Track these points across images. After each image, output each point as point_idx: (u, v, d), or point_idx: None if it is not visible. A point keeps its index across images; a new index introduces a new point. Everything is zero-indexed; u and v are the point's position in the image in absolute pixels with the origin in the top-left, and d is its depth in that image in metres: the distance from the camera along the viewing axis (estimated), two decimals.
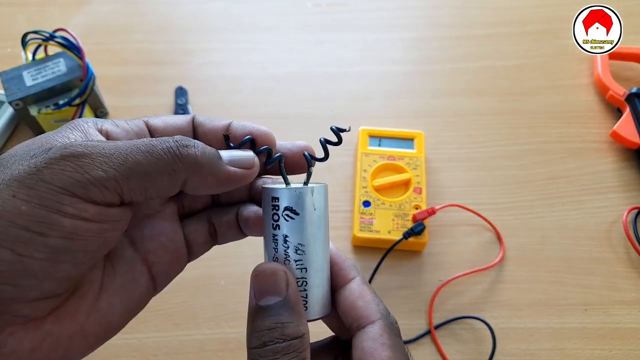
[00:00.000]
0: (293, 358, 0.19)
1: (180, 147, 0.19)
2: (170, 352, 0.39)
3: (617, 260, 0.44)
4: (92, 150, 0.18)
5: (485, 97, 0.54)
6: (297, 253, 0.21)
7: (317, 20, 0.60)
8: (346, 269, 0.23)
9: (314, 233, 0.21)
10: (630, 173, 0.48)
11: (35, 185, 0.17)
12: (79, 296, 0.20)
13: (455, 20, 0.60)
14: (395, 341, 0.21)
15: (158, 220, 0.23)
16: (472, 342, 0.40)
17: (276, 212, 0.21)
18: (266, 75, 0.55)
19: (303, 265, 0.21)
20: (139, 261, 0.22)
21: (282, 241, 0.21)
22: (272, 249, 0.21)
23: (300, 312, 0.20)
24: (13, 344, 0.18)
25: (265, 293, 0.20)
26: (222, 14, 0.60)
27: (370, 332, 0.21)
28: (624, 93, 0.51)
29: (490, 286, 0.42)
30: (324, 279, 0.22)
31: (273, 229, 0.21)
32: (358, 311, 0.22)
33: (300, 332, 0.20)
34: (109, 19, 0.59)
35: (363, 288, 0.22)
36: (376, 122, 0.50)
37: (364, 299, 0.22)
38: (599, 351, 0.40)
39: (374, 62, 0.57)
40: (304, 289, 0.21)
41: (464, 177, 0.48)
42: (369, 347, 0.21)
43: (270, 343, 0.19)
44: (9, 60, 0.52)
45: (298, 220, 0.21)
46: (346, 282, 0.23)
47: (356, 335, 0.21)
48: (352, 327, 0.22)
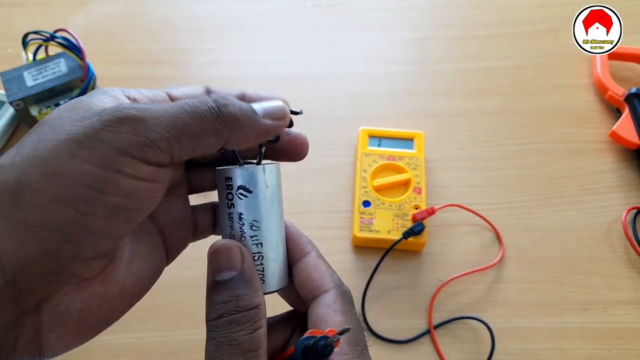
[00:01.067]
0: (248, 327, 0.20)
1: (221, 107, 0.20)
2: (170, 351, 0.39)
3: (616, 260, 0.44)
4: (144, 113, 0.18)
5: (485, 97, 0.54)
6: (252, 229, 0.22)
7: (317, 21, 0.60)
8: (302, 244, 0.24)
9: (268, 210, 0.22)
10: (629, 173, 0.48)
11: (95, 146, 0.17)
12: (118, 259, 0.20)
13: (455, 21, 0.60)
14: (348, 308, 0.22)
15: (172, 197, 0.23)
16: (471, 342, 0.40)
17: (230, 191, 0.22)
18: (266, 76, 0.55)
19: (258, 240, 0.22)
20: (156, 232, 0.23)
21: (237, 219, 0.22)
22: (227, 227, 0.22)
23: (256, 285, 0.21)
24: (67, 302, 0.18)
25: (221, 269, 0.21)
26: (222, 14, 0.60)
27: (324, 299, 0.22)
28: (623, 93, 0.51)
29: (490, 286, 0.43)
30: (280, 253, 0.23)
31: (228, 208, 0.22)
32: (313, 282, 0.23)
33: (255, 303, 0.20)
34: (109, 19, 0.59)
35: (318, 261, 0.23)
36: (376, 122, 0.50)
37: (319, 271, 0.23)
38: (599, 351, 0.40)
39: (374, 62, 0.57)
40: (260, 263, 0.22)
41: (464, 177, 0.48)
42: (322, 313, 0.21)
43: (225, 315, 0.20)
44: (10, 60, 0.52)
45: (251, 198, 0.22)
46: (302, 256, 0.23)
47: (311, 304, 0.22)
48: (307, 298, 0.23)
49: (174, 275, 0.43)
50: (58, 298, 0.18)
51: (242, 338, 0.19)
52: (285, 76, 0.55)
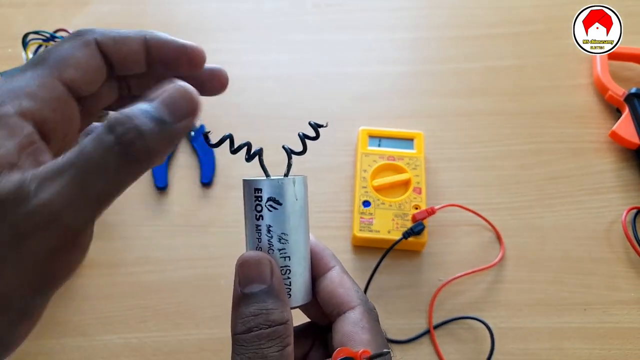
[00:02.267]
0: (278, 344, 0.19)
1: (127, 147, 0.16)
2: (170, 351, 0.39)
3: (616, 260, 0.44)
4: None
5: (484, 97, 0.54)
6: (281, 242, 0.21)
7: (317, 21, 0.60)
8: (326, 257, 0.23)
9: (296, 222, 0.22)
10: (629, 173, 0.48)
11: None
12: None
13: (455, 21, 0.60)
14: (374, 325, 0.22)
15: None
16: (471, 342, 0.40)
17: (259, 202, 0.21)
18: (266, 75, 0.55)
19: (286, 253, 0.22)
20: None
21: (266, 231, 0.21)
22: (255, 239, 0.22)
23: (284, 300, 0.21)
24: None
25: (250, 281, 0.20)
26: (223, 14, 0.61)
27: (351, 317, 0.22)
28: (623, 93, 0.51)
29: (490, 286, 0.43)
30: (306, 268, 0.22)
31: (256, 220, 0.22)
32: (339, 298, 0.22)
33: (284, 319, 0.20)
34: (109, 19, 0.59)
35: (342, 276, 0.23)
36: (376, 122, 0.50)
37: (344, 287, 0.22)
38: (598, 350, 0.40)
39: (374, 62, 0.57)
40: (287, 277, 0.22)
41: (464, 177, 0.48)
42: (349, 331, 0.21)
43: (255, 329, 0.19)
44: (10, 60, 0.52)
45: (281, 210, 0.21)
46: (326, 270, 0.23)
47: (337, 320, 0.22)
48: (332, 313, 0.22)
49: (174, 275, 0.43)
50: None
51: (273, 355, 0.19)
52: (286, 76, 0.55)
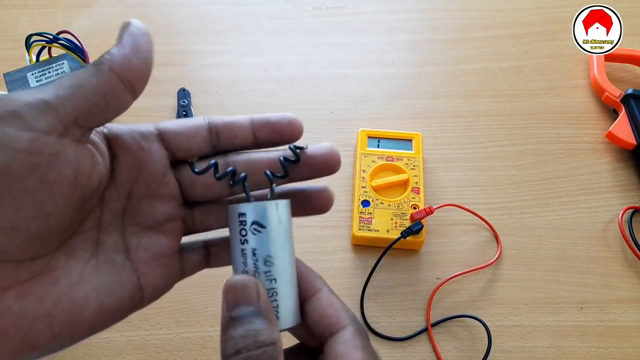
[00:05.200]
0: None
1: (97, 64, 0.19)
2: (172, 349, 0.40)
3: (613, 259, 0.44)
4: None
5: (482, 98, 0.54)
6: (266, 265, 0.21)
7: (316, 23, 0.61)
8: (313, 280, 0.23)
9: (281, 245, 0.22)
10: (625, 173, 0.49)
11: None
12: (49, 280, 0.19)
13: (453, 23, 0.61)
14: (366, 343, 0.22)
15: (158, 233, 0.23)
16: (468, 340, 0.41)
17: (243, 227, 0.22)
18: (267, 77, 0.56)
19: (272, 276, 0.22)
20: (129, 268, 0.22)
21: (251, 254, 0.21)
22: (241, 263, 0.22)
23: (272, 320, 0.21)
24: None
25: (237, 304, 0.20)
26: (224, 17, 0.61)
27: (342, 336, 0.22)
28: (620, 94, 0.51)
29: (487, 284, 0.43)
30: (293, 290, 0.22)
31: (241, 244, 0.22)
32: (329, 319, 0.22)
33: (273, 339, 0.20)
34: (112, 20, 0.60)
35: (331, 297, 0.23)
36: (375, 123, 0.51)
37: (333, 307, 0.22)
38: (595, 349, 0.40)
39: (373, 64, 0.57)
40: (274, 300, 0.22)
41: (462, 178, 0.49)
42: (342, 350, 0.21)
43: (244, 350, 0.19)
44: (13, 61, 0.52)
45: (265, 233, 0.21)
46: (314, 292, 0.23)
47: (328, 341, 0.22)
48: (323, 334, 0.22)
49: None
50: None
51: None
52: (286, 78, 0.56)
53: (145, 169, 0.22)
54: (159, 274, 0.23)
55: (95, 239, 0.22)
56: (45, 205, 0.18)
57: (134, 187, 0.23)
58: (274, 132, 0.23)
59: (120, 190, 0.22)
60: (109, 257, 0.22)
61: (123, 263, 0.22)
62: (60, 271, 0.20)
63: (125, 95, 0.20)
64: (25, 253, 0.18)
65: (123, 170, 0.22)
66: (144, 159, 0.22)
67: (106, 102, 0.19)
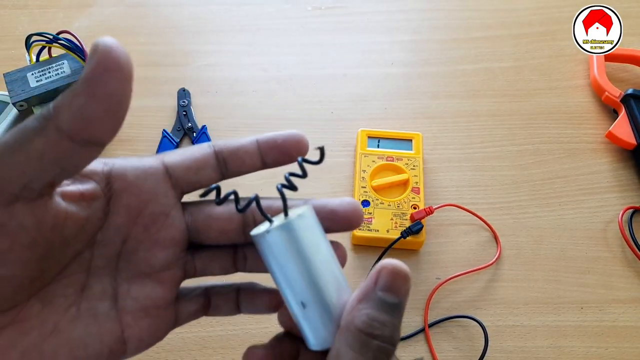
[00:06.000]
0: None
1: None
2: (172, 349, 0.40)
3: (612, 259, 0.44)
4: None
5: (482, 98, 0.54)
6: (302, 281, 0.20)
7: (316, 23, 0.61)
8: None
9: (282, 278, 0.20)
10: (625, 173, 0.49)
11: None
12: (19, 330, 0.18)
13: (453, 23, 0.61)
14: None
15: (153, 281, 0.21)
16: (468, 340, 0.41)
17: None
18: (267, 77, 0.56)
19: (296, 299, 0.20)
20: (112, 318, 0.20)
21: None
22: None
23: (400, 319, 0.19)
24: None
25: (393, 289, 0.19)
26: (224, 17, 0.61)
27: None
28: (620, 94, 0.51)
29: (487, 284, 0.43)
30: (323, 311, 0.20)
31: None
32: None
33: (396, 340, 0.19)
34: (112, 21, 0.60)
35: None
36: (375, 123, 0.51)
37: None
38: (595, 349, 0.40)
39: (373, 64, 0.57)
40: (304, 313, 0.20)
41: (461, 178, 0.49)
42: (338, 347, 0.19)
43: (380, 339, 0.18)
44: (13, 61, 0.52)
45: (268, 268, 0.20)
46: None
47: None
48: None
49: None
50: None
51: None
52: (286, 78, 0.56)
53: (146, 210, 0.21)
54: (146, 326, 0.21)
55: (82, 283, 0.20)
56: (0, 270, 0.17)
57: (132, 230, 0.21)
58: (282, 155, 0.22)
59: (116, 235, 0.21)
60: (92, 305, 0.20)
61: (107, 312, 0.20)
62: (32, 321, 0.18)
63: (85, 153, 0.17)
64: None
65: (121, 211, 0.20)
66: (147, 200, 0.21)
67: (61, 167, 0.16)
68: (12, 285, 0.17)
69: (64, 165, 0.16)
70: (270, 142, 0.22)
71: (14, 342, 0.18)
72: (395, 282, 0.19)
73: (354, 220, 0.22)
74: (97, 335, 0.20)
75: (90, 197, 0.19)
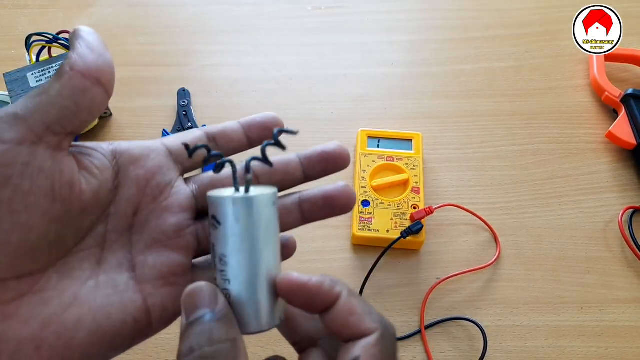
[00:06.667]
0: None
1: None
2: (172, 349, 0.40)
3: (612, 259, 0.44)
4: None
5: (482, 98, 0.54)
6: (221, 263, 0.20)
7: (316, 23, 0.61)
8: (324, 291, 0.21)
9: (237, 246, 0.20)
10: (625, 173, 0.49)
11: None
12: (37, 300, 0.18)
13: (453, 23, 0.61)
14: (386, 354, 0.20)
15: (167, 248, 0.22)
16: (467, 340, 0.41)
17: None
18: (267, 77, 0.56)
19: (226, 277, 0.20)
20: (133, 288, 0.21)
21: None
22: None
23: (231, 319, 0.19)
24: None
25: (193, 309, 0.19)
26: (224, 17, 0.61)
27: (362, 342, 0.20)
28: (620, 94, 0.51)
29: (487, 284, 0.43)
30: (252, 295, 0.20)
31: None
32: (351, 328, 0.20)
33: (230, 337, 0.18)
34: (112, 21, 0.60)
35: (351, 304, 0.21)
36: (375, 123, 0.51)
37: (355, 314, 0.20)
38: (595, 349, 0.40)
39: (372, 64, 0.57)
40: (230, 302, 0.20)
41: (461, 178, 0.49)
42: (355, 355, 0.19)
43: (197, 347, 0.18)
44: (13, 61, 0.53)
45: (221, 230, 0.20)
46: (332, 302, 0.21)
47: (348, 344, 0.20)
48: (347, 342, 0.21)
49: None
50: None
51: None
52: (286, 78, 0.56)
53: (153, 182, 0.22)
54: (167, 294, 0.21)
55: (97, 258, 0.21)
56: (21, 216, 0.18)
57: (142, 201, 0.22)
58: (263, 130, 0.25)
59: (127, 206, 0.22)
60: (111, 277, 0.21)
61: (127, 282, 0.21)
62: (51, 292, 0.19)
63: (94, 92, 0.20)
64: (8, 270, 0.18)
65: (130, 183, 0.22)
66: (153, 171, 0.22)
67: (75, 103, 0.19)
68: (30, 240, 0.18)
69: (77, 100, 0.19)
70: (250, 121, 0.25)
71: (34, 312, 0.18)
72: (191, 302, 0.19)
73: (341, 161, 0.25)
74: (119, 304, 0.20)
75: (100, 167, 0.21)
